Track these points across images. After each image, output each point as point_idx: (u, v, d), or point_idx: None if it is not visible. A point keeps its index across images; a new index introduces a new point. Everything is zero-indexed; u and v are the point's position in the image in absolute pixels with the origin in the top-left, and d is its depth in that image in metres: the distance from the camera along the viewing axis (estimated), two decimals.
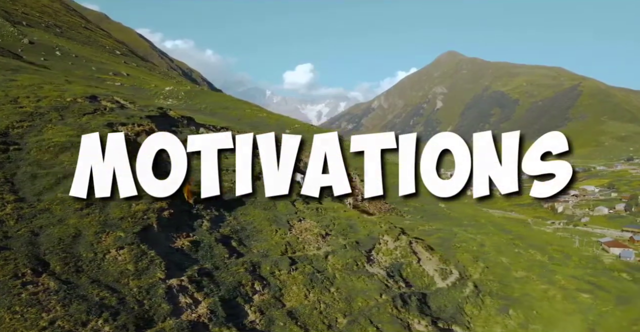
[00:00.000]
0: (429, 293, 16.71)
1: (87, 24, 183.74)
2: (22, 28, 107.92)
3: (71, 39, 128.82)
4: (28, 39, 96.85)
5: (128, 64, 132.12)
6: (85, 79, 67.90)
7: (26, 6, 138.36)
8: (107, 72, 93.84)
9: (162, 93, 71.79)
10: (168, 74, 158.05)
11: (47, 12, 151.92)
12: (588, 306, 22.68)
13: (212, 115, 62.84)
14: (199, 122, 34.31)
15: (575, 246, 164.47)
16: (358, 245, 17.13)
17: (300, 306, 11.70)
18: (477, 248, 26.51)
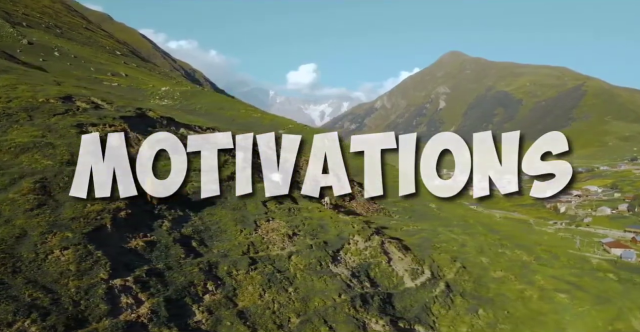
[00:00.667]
0: (395, 293, 16.73)
1: (88, 24, 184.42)
2: (22, 29, 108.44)
3: (71, 40, 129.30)
4: (27, 39, 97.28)
5: (128, 64, 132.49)
6: (79, 80, 68.24)
7: (27, 7, 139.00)
8: (105, 73, 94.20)
9: (158, 93, 72.07)
10: (168, 74, 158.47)
11: (48, 13, 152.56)
12: (564, 306, 22.63)
13: (206, 115, 63.08)
14: (185, 122, 34.43)
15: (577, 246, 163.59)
16: (326, 245, 17.17)
17: (252, 306, 11.75)
18: (457, 248, 26.48)
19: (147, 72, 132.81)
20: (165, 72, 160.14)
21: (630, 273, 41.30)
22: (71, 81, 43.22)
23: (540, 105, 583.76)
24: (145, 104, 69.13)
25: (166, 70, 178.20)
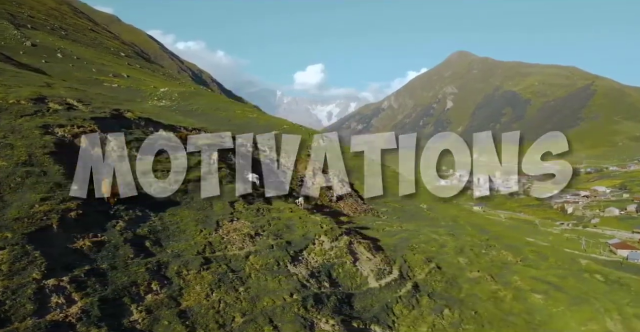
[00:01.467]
0: (357, 293, 16.74)
1: (94, 26, 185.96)
2: (27, 30, 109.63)
3: (76, 41, 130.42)
4: (31, 41, 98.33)
5: (131, 65, 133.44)
6: (78, 81, 68.88)
7: (32, 9, 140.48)
8: (107, 74, 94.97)
9: (156, 94, 72.60)
10: (172, 75, 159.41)
11: (54, 15, 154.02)
12: (538, 306, 22.48)
13: (202, 116, 63.45)
14: (171, 123, 34.64)
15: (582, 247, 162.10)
16: (288, 245, 17.22)
17: (196, 306, 11.82)
18: (436, 249, 26.37)
19: (150, 73, 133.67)
20: (169, 73, 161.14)
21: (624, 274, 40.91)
22: (63, 83, 43.61)
23: (548, 105, 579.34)
24: (142, 104, 69.65)
25: (170, 71, 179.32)
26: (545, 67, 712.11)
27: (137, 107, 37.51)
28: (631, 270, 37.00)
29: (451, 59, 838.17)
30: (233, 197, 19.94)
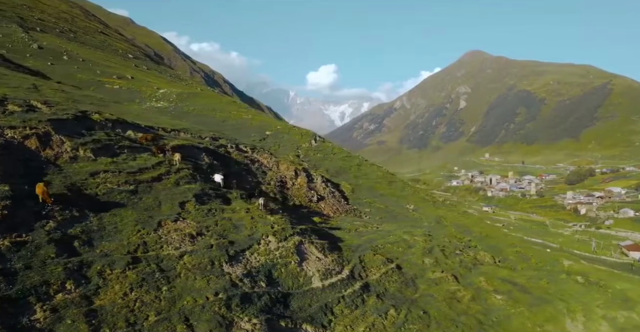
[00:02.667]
0: (295, 293, 16.80)
1: (104, 29, 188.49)
2: (35, 33, 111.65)
3: (84, 44, 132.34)
4: (37, 44, 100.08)
5: (138, 67, 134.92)
6: (79, 82, 70.00)
7: (43, 12, 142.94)
8: (111, 76, 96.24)
9: (155, 96, 73.42)
10: (180, 76, 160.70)
11: (64, 18, 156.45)
12: (497, 307, 22.32)
13: (197, 117, 63.98)
14: (150, 125, 35.10)
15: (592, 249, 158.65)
16: (230, 245, 17.35)
17: (109, 305, 12.01)
18: (402, 249, 26.27)
19: (156, 75, 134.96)
20: (176, 75, 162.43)
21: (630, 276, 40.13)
22: (54, 85, 44.37)
23: (564, 104, 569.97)
24: (140, 106, 70.51)
25: (178, 73, 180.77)
26: (561, 66, 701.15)
27: (130, 108, 38.11)
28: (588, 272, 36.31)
29: (464, 59, 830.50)
30: (186, 197, 20.15)
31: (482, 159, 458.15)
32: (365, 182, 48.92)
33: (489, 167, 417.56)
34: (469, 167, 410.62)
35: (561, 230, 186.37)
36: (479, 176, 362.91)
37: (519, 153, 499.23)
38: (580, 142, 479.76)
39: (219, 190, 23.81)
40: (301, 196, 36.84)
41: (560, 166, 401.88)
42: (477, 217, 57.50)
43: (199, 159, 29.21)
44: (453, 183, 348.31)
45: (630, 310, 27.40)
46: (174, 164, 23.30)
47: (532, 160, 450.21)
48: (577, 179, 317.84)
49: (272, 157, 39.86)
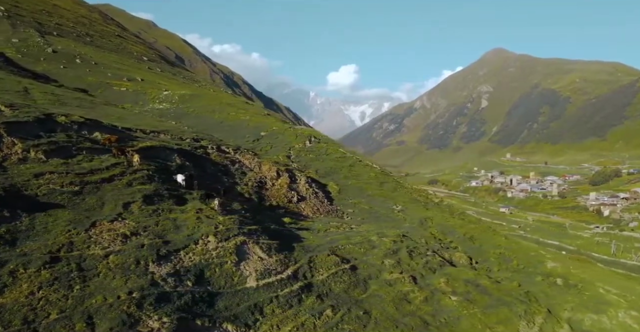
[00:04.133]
0: (224, 293, 16.96)
1: (121, 32, 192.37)
2: (52, 38, 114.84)
3: (99, 47, 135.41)
4: (52, 48, 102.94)
5: (152, 69, 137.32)
6: (87, 85, 71.79)
7: (62, 17, 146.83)
8: (121, 78, 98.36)
9: (158, 97, 74.88)
10: (193, 78, 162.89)
11: (82, 22, 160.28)
12: (449, 308, 22.07)
13: (196, 118, 64.93)
14: (127, 127, 35.83)
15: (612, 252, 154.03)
16: (165, 245, 17.64)
17: (10, 303, 12.38)
18: (364, 250, 26.12)
19: (169, 77, 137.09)
20: (190, 76, 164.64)
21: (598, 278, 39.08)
22: (47, 87, 45.67)
23: (590, 103, 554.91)
24: (143, 107, 71.88)
25: (192, 74, 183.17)
26: (587, 64, 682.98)
27: (119, 110, 38.99)
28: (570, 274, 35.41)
29: (487, 57, 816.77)
30: (134, 198, 20.56)
31: (503, 160, 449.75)
32: (354, 182, 48.81)
33: (510, 167, 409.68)
34: (489, 168, 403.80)
35: (580, 232, 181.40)
36: (499, 176, 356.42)
37: (542, 153, 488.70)
38: (607, 142, 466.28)
39: (177, 190, 24.19)
40: (280, 197, 37.01)
41: (585, 166, 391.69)
42: (473, 218, 56.68)
43: (169, 160, 29.70)
44: (472, 184, 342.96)
45: (601, 313, 26.74)
46: (133, 165, 23.77)
47: (556, 160, 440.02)
48: (602, 180, 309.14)
49: (255, 158, 40.18)
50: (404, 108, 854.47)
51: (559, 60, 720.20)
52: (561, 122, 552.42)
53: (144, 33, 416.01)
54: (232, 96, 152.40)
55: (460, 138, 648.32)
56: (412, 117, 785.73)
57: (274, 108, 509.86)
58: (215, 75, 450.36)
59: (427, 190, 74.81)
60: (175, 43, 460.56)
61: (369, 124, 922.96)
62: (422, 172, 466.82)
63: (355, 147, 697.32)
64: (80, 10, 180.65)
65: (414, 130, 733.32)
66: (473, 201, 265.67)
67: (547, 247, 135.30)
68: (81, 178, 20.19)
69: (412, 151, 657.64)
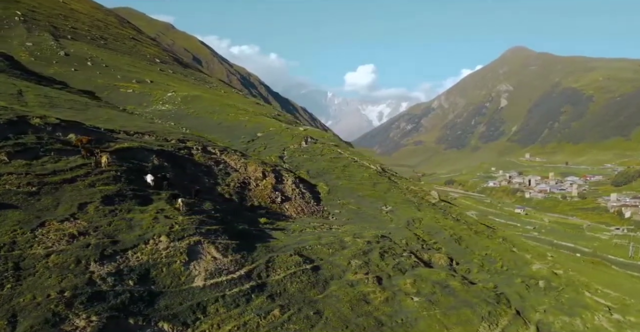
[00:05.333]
0: (168, 292, 17.16)
1: (136, 35, 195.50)
2: (66, 41, 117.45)
3: (113, 50, 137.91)
4: (64, 51, 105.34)
5: (163, 71, 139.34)
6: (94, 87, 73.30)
7: (77, 21, 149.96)
8: (130, 80, 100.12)
9: (161, 99, 76.04)
10: (205, 79, 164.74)
11: (98, 25, 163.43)
12: (410, 309, 21.90)
13: (196, 119, 65.75)
14: (109, 128, 36.46)
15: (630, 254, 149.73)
16: (112, 245, 17.93)
17: None
18: (332, 251, 26.00)
19: (180, 79, 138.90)
20: (202, 77, 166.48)
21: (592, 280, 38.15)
22: (42, 90, 46.77)
23: (614, 101, 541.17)
24: (145, 108, 72.97)
25: (204, 75, 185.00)
26: (611, 61, 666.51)
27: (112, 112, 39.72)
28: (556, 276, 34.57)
29: (506, 56, 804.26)
30: (92, 198, 20.95)
31: (521, 160, 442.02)
32: (346, 183, 48.70)
33: (530, 167, 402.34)
34: (507, 168, 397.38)
35: (599, 234, 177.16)
36: (518, 176, 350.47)
37: (563, 153, 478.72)
38: (631, 141, 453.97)
39: (145, 191, 24.52)
40: (263, 197, 37.20)
41: (607, 166, 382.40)
42: (471, 219, 55.88)
43: (146, 161, 30.14)
44: (489, 184, 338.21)
45: (575, 316, 26.17)
46: (100, 166, 24.21)
47: (578, 160, 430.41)
48: (625, 181, 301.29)
49: (241, 159, 40.45)
50: (422, 108, 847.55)
51: (581, 58, 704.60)
52: (583, 121, 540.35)
53: (162, 35, 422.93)
54: (243, 97, 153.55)
55: (478, 138, 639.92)
56: (430, 117, 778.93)
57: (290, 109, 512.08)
58: (232, 76, 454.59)
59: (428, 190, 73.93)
60: (192, 45, 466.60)
61: (386, 124, 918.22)
62: (439, 172, 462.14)
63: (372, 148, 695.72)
64: (97, 14, 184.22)
65: (432, 130, 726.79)
66: (488, 202, 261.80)
67: (561, 249, 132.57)
68: (41, 179, 20.66)
69: (430, 151, 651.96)
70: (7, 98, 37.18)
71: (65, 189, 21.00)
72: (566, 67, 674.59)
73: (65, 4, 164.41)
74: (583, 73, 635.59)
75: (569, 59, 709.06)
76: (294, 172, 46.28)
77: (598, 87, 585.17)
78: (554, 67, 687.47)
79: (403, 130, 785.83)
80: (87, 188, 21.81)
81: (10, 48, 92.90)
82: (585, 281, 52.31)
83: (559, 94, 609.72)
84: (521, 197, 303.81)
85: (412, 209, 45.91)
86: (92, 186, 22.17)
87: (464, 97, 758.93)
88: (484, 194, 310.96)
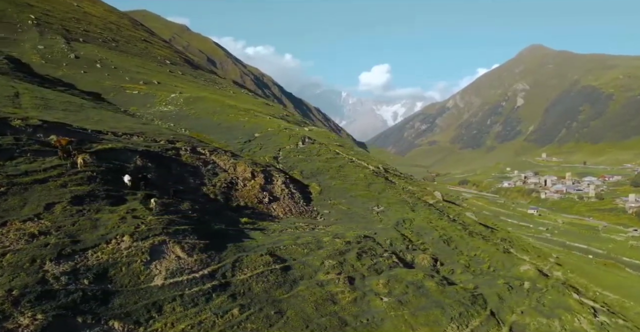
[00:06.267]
0: (125, 291, 17.31)
1: (149, 37, 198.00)
2: (77, 44, 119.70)
3: (123, 52, 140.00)
4: (75, 54, 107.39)
5: (172, 72, 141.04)
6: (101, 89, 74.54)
7: (90, 24, 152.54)
8: (137, 82, 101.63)
9: (165, 100, 77.02)
10: (215, 80, 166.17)
11: (110, 28, 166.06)
12: (378, 309, 21.78)
13: (196, 120, 66.43)
14: (94, 129, 37.06)
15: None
16: (73, 244, 18.18)
17: None
18: (307, 251, 25.92)
19: (190, 79, 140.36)
20: (212, 78, 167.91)
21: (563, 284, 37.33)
22: (41, 92, 47.71)
23: (635, 99, 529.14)
24: (148, 109, 73.89)
25: (214, 76, 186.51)
26: (632, 59, 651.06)
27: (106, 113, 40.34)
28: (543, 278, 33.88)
29: (523, 54, 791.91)
30: (61, 198, 21.30)
31: (538, 160, 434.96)
32: (340, 183, 48.61)
33: (546, 167, 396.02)
34: (523, 168, 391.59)
35: (614, 235, 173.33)
36: (533, 177, 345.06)
37: (581, 153, 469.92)
38: None
39: (120, 191, 24.82)
40: (250, 197, 37.34)
41: (627, 166, 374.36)
42: (470, 220, 55.21)
43: (129, 161, 30.52)
44: (504, 184, 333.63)
45: (553, 318, 25.66)
46: (76, 167, 24.60)
47: (597, 160, 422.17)
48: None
49: (231, 159, 40.68)
50: (436, 107, 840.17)
51: (600, 56, 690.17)
52: (603, 120, 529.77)
53: (177, 37, 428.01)
54: (252, 98, 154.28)
55: (494, 138, 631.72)
56: (445, 117, 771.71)
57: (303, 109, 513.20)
58: (245, 77, 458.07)
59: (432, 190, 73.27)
60: (207, 46, 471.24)
61: (400, 124, 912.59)
62: (453, 172, 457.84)
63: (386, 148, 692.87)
64: (110, 16, 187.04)
65: (447, 130, 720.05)
66: (501, 202, 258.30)
67: (573, 251, 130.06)
68: (10, 179, 21.06)
69: (444, 151, 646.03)
70: (1, 100, 38.04)
71: (35, 190, 21.37)
72: (585, 65, 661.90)
73: (80, 8, 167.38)
74: (603, 71, 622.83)
75: (587, 57, 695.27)
76: (286, 172, 46.39)
77: (618, 85, 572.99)
78: (573, 65, 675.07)
79: (417, 130, 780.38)
80: (58, 188, 22.16)
81: (23, 51, 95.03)
82: (583, 283, 51.48)
83: (578, 92, 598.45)
84: (536, 198, 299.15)
85: (405, 210, 45.57)
86: (63, 187, 22.52)
87: (480, 97, 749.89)
88: (498, 195, 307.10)
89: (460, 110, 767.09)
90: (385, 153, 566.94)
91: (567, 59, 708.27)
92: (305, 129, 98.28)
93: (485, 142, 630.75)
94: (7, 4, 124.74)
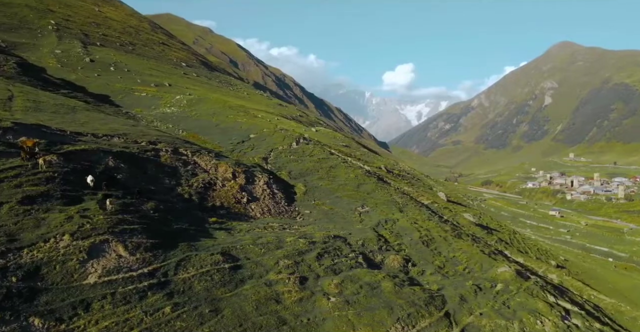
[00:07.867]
0: (54, 288, 17.69)
1: (167, 40, 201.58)
2: (94, 48, 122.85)
3: (139, 55, 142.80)
4: (90, 57, 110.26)
5: (187, 74, 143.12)
6: (110, 91, 76.39)
7: (109, 28, 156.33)
8: (149, 84, 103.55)
9: (169, 102, 78.29)
10: (230, 82, 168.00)
11: (129, 31, 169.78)
12: (323, 309, 21.63)
13: (195, 121, 67.27)
14: (76, 131, 38.00)
15: None
16: (9, 243, 18.70)
17: None
18: (264, 251, 25.84)
19: (204, 81, 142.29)
20: (227, 80, 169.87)
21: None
22: (38, 95, 49.21)
23: None
24: (152, 111, 75.26)
25: (230, 78, 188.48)
26: None
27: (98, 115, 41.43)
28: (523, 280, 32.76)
29: (552, 51, 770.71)
30: (11, 199, 21.93)
31: (565, 160, 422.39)
32: (327, 184, 48.41)
33: (573, 168, 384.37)
34: (549, 168, 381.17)
35: (639, 238, 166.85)
36: (559, 177, 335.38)
37: (612, 152, 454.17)
38: None
39: (79, 191, 25.39)
40: (228, 198, 37.61)
41: None
42: (465, 221, 54.12)
43: (100, 162, 31.19)
44: (528, 185, 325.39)
45: (514, 320, 24.84)
46: (38, 168, 25.31)
47: (629, 160, 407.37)
48: None
49: (213, 160, 41.09)
50: (461, 107, 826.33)
51: (633, 52, 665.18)
52: (636, 118, 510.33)
53: (201, 40, 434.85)
54: (266, 99, 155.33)
55: (520, 137, 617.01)
56: (469, 116, 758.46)
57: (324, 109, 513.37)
58: (267, 78, 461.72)
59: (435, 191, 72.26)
60: (230, 48, 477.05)
61: (423, 124, 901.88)
62: (477, 172, 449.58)
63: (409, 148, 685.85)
64: (130, 20, 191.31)
65: (471, 129, 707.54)
66: (523, 204, 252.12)
67: (592, 254, 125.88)
68: None
69: (469, 151, 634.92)
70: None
71: None
72: (617, 61, 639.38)
73: (101, 13, 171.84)
74: (636, 67, 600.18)
75: (619, 53, 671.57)
76: (272, 172, 46.51)
77: None
78: (604, 62, 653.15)
79: (441, 130, 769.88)
80: (12, 189, 22.82)
81: (40, 56, 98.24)
82: (578, 286, 49.78)
83: (609, 90, 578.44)
84: (562, 199, 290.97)
85: (391, 210, 44.97)
86: (17, 187, 23.19)
87: (506, 96, 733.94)
88: (522, 196, 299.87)
89: (486, 109, 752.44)
90: (408, 153, 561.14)
91: (598, 56, 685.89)
92: (312, 129, 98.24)
93: (510, 142, 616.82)
94: (29, 10, 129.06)
